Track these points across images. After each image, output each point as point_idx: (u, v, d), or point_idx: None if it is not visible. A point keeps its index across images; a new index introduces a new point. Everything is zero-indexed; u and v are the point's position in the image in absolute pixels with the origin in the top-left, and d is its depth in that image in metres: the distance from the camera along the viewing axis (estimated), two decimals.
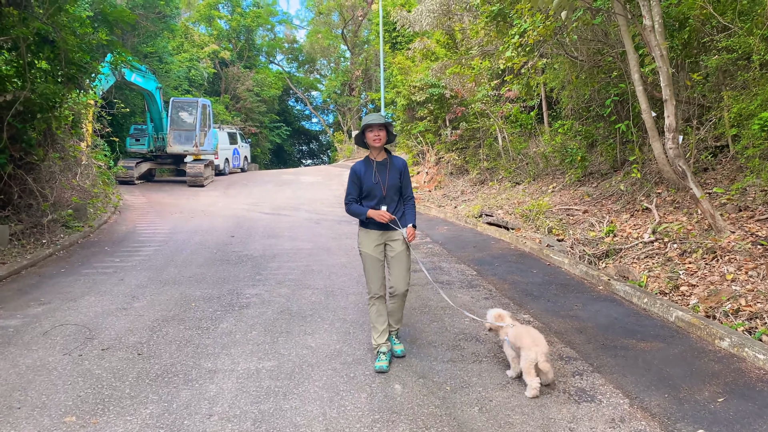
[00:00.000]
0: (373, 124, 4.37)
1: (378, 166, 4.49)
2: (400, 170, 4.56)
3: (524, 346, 4.02)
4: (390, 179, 4.47)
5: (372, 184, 4.44)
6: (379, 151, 4.52)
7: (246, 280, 7.21)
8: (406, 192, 4.61)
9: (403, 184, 4.57)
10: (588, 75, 12.61)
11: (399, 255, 4.51)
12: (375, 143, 4.41)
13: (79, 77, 9.34)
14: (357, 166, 4.57)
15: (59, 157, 10.58)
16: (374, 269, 4.52)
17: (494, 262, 8.20)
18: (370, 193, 4.47)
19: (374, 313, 4.55)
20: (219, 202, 16.21)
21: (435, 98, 19.05)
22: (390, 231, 4.52)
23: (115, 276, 7.44)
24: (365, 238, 4.56)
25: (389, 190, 4.46)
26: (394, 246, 4.52)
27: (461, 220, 12.50)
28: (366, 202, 4.51)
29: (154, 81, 20.20)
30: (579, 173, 13.44)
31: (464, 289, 6.71)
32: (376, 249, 4.52)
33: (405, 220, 4.57)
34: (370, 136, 4.41)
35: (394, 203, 4.51)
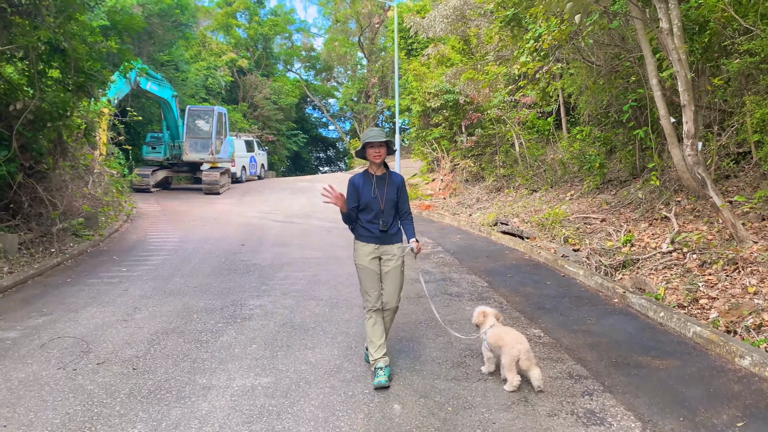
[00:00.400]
0: (374, 141, 4.42)
1: (377, 180, 4.55)
2: (398, 186, 4.64)
3: (506, 344, 4.16)
4: (388, 194, 4.54)
5: (370, 198, 4.50)
6: (379, 167, 4.57)
7: (251, 291, 7.08)
8: (404, 207, 4.68)
9: (400, 200, 4.63)
10: (606, 80, 12.35)
11: (393, 270, 4.55)
12: (376, 159, 4.47)
13: (89, 86, 9.32)
14: (355, 179, 4.62)
15: (70, 165, 10.59)
16: (370, 282, 4.52)
17: (507, 272, 7.97)
18: (367, 206, 4.51)
19: (371, 327, 4.49)
20: (233, 209, 16.17)
21: (450, 104, 18.86)
22: (385, 245, 4.56)
23: (120, 286, 7.36)
24: (361, 250, 4.57)
25: (387, 204, 4.52)
26: (388, 261, 4.56)
27: (475, 229, 12.28)
28: (363, 216, 4.56)
29: (169, 89, 20.29)
30: (597, 180, 13.15)
31: (473, 301, 6.49)
32: (371, 262, 4.53)
33: (403, 235, 4.67)
34: (371, 152, 4.46)
35: (390, 218, 4.56)
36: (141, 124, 23.47)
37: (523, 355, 4.08)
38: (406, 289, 5.80)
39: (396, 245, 4.60)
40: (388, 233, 4.54)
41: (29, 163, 9.24)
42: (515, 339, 4.17)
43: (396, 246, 4.59)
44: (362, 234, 4.57)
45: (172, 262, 8.87)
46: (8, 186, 8.88)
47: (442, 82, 18.53)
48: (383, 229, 4.50)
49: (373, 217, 4.51)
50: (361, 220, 4.57)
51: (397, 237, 4.63)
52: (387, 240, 4.55)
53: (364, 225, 4.55)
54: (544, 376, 4.23)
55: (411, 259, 8.07)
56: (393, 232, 4.58)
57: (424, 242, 10.76)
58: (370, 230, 4.52)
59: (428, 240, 10.98)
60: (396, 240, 4.61)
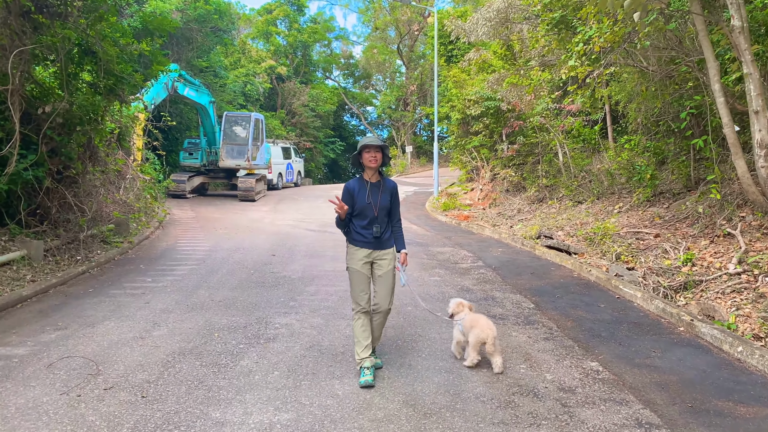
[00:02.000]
0: (371, 145, 4.52)
1: (371, 187, 4.64)
2: (391, 192, 4.75)
3: (477, 326, 4.67)
4: (382, 201, 4.63)
5: (365, 204, 4.59)
6: (374, 173, 4.67)
7: (278, 307, 6.61)
8: (395, 215, 4.79)
9: (393, 207, 4.75)
10: (659, 86, 11.57)
11: (386, 274, 4.66)
12: (371, 164, 4.55)
13: (119, 89, 9.06)
14: (351, 185, 4.70)
15: (101, 170, 10.36)
16: (360, 285, 4.63)
17: (555, 292, 7.31)
18: (361, 212, 4.61)
19: (359, 328, 4.60)
20: (266, 217, 15.85)
21: (491, 112, 18.21)
22: (378, 250, 4.66)
23: (142, 298, 6.98)
24: (353, 254, 4.68)
25: (380, 211, 4.62)
26: (382, 264, 4.67)
27: (517, 242, 11.61)
28: (357, 221, 4.65)
29: (207, 95, 20.20)
30: (648, 193, 12.35)
31: (520, 326, 5.87)
32: (363, 266, 4.64)
33: (395, 244, 4.79)
34: (367, 156, 4.55)
35: (384, 224, 4.67)
36: (179, 129, 23.54)
37: (490, 340, 4.59)
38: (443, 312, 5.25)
39: (388, 250, 4.70)
40: (381, 239, 4.64)
41: (58, 168, 9.01)
42: (486, 325, 4.67)
43: (388, 252, 4.70)
44: (356, 239, 4.68)
45: (199, 272, 8.49)
46: (36, 191, 8.66)
47: (483, 88, 17.90)
48: (376, 236, 4.60)
49: (367, 223, 4.60)
50: (355, 225, 4.68)
51: (390, 242, 4.74)
52: (380, 245, 4.66)
53: (358, 230, 4.65)
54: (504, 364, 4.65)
55: (450, 276, 7.44)
56: (386, 238, 4.68)
57: (463, 255, 10.16)
58: (364, 236, 4.62)
59: (467, 253, 10.37)
60: (389, 245, 4.72)
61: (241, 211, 17.31)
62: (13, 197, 8.51)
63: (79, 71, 9.21)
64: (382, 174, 4.75)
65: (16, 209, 8.60)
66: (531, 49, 14.07)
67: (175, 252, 10.20)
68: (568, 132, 16.58)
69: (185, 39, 20.42)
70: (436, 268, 8.98)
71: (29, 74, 8.52)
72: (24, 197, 8.45)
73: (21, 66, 8.03)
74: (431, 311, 6.00)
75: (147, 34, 9.35)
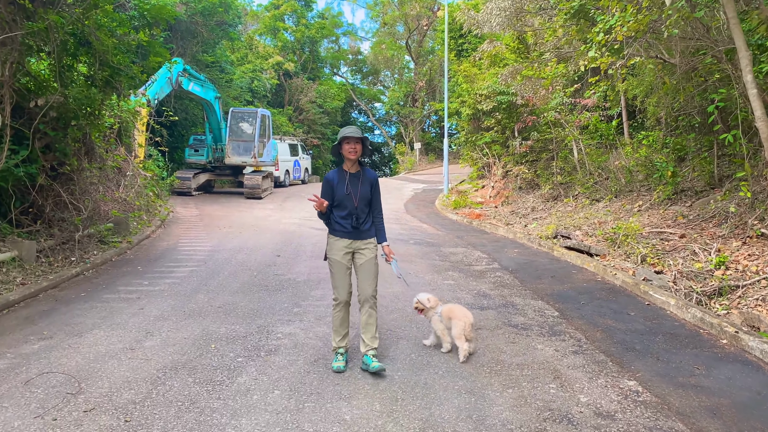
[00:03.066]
0: (351, 136, 4.53)
1: (351, 177, 4.66)
2: (371, 183, 4.75)
3: (455, 317, 4.83)
4: (361, 191, 4.65)
5: (344, 194, 4.61)
6: (353, 164, 4.68)
7: (281, 314, 6.13)
8: (376, 206, 4.80)
9: (373, 198, 4.76)
10: (683, 79, 11.02)
11: (367, 263, 4.68)
12: (350, 155, 4.57)
13: (116, 81, 8.61)
14: (330, 176, 4.72)
15: (98, 167, 9.93)
16: (341, 276, 4.67)
17: (579, 298, 6.79)
18: (341, 203, 4.63)
19: (338, 320, 4.70)
20: (272, 215, 15.40)
21: (503, 106, 17.66)
22: (358, 240, 4.68)
23: (137, 304, 6.53)
24: (333, 245, 4.71)
25: (360, 201, 4.64)
26: (363, 253, 4.69)
27: (534, 242, 11.08)
28: (337, 212, 4.67)
29: (213, 90, 19.75)
30: (669, 191, 11.79)
31: (545, 337, 5.36)
32: (344, 257, 4.67)
33: (376, 235, 4.80)
34: (347, 147, 4.56)
35: (364, 215, 4.68)
36: (184, 126, 23.12)
37: (468, 327, 4.77)
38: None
39: (369, 240, 4.72)
40: (360, 229, 4.66)
41: (52, 164, 8.58)
42: (463, 313, 4.87)
43: (369, 242, 4.72)
44: (336, 229, 4.70)
45: (199, 275, 8.03)
46: (29, 188, 8.23)
47: (496, 82, 17.33)
48: (355, 226, 4.62)
49: (346, 214, 4.62)
50: (335, 215, 4.69)
51: (370, 232, 4.76)
52: (360, 236, 4.67)
53: (338, 221, 4.67)
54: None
55: (465, 279, 6.91)
56: (366, 228, 4.70)
57: (477, 257, 9.66)
58: (344, 226, 4.64)
59: (482, 254, 9.86)
60: (369, 235, 4.74)
61: (247, 209, 16.87)
62: (5, 195, 8.08)
63: (74, 63, 8.76)
64: (362, 165, 4.76)
65: (8, 207, 8.17)
66: (547, 40, 13.49)
67: (175, 252, 9.75)
68: (584, 128, 16.02)
69: (189, 33, 19.95)
70: (449, 270, 8.48)
71: (21, 65, 8.08)
72: (16, 195, 8.02)
73: (12, 56, 7.59)
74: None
75: (145, 24, 8.86)
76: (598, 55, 10.26)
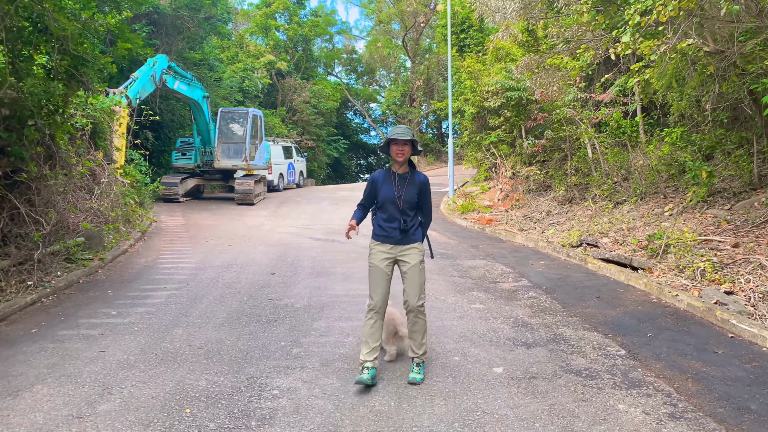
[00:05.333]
0: (398, 138, 4.33)
1: (398, 179, 4.45)
2: (420, 187, 4.50)
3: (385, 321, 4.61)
4: (407, 193, 4.42)
5: (390, 196, 4.40)
6: (402, 165, 4.47)
7: (277, 357, 4.87)
8: (426, 209, 4.57)
9: (421, 201, 4.52)
10: (725, 67, 9.89)
11: (411, 269, 4.41)
12: (398, 157, 4.38)
13: (81, 73, 7.34)
14: (377, 175, 4.53)
15: (64, 173, 8.64)
16: (379, 282, 4.40)
17: (641, 328, 5.56)
18: (384, 204, 4.43)
19: (368, 328, 4.38)
20: (266, 223, 14.12)
21: (512, 103, 16.45)
22: (402, 245, 4.43)
23: (98, 343, 5.25)
24: (374, 250, 4.49)
25: (405, 204, 4.41)
26: (407, 260, 4.44)
27: (560, 253, 9.87)
28: (380, 213, 4.49)
29: (200, 90, 18.45)
30: (703, 192, 10.61)
31: (622, 390, 4.12)
32: (384, 263, 4.42)
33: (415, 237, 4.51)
34: (394, 149, 4.38)
35: (409, 218, 4.43)
36: (171, 128, 21.81)
37: (392, 330, 4.69)
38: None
39: (412, 245, 4.46)
40: (405, 233, 4.42)
41: (5, 171, 7.30)
42: (390, 312, 4.65)
43: (414, 246, 4.46)
44: (377, 233, 4.49)
45: (179, 301, 6.76)
46: None
47: (505, 77, 16.12)
48: (403, 229, 4.39)
49: (388, 217, 4.42)
50: (378, 218, 4.50)
51: (416, 236, 4.51)
52: (404, 240, 4.44)
53: (381, 224, 4.46)
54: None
55: (495, 302, 5.72)
56: (411, 233, 4.46)
57: (501, 271, 8.44)
58: (385, 229, 4.44)
59: (505, 268, 8.64)
60: (414, 240, 4.48)
61: (238, 216, 15.58)
62: None
63: (33, 53, 7.49)
64: (413, 166, 4.51)
65: None
66: (566, 29, 12.28)
67: (154, 271, 8.46)
68: (605, 125, 14.84)
69: (175, 28, 18.63)
70: (473, 290, 7.24)
71: None
72: None
73: None
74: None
75: (114, 6, 7.57)
76: (630, 41, 9.09)
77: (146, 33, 17.28)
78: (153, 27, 17.88)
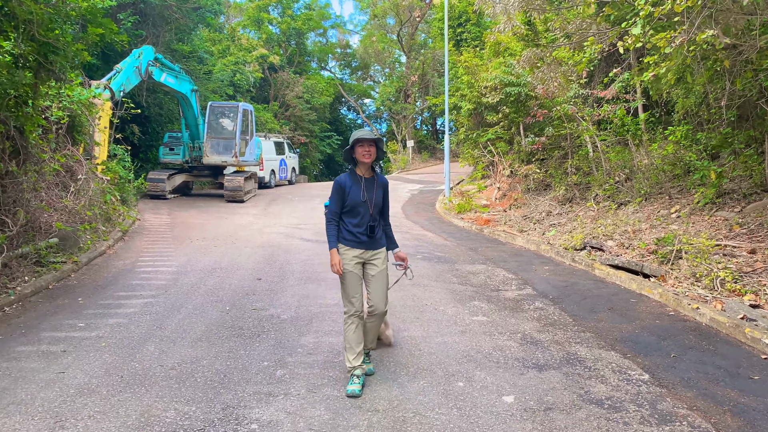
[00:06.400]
0: (365, 138, 4.23)
1: (366, 183, 4.37)
2: (384, 189, 4.48)
3: None
4: (376, 198, 4.39)
5: (359, 201, 4.31)
6: (368, 168, 4.38)
7: (258, 381, 4.32)
8: (386, 212, 4.56)
9: (385, 204, 4.52)
10: (740, 62, 9.42)
11: (379, 274, 4.41)
12: (365, 159, 4.27)
13: (49, 62, 6.74)
14: (342, 180, 4.36)
15: (34, 170, 8.03)
16: (353, 287, 4.34)
17: (663, 346, 5.04)
18: (353, 209, 4.32)
19: (351, 333, 4.31)
20: (255, 222, 13.55)
21: (511, 99, 15.91)
22: (371, 250, 4.40)
23: (59, 362, 4.68)
24: (344, 255, 4.35)
25: (375, 209, 4.38)
26: (375, 264, 4.42)
27: (564, 257, 9.36)
28: (348, 219, 4.36)
29: (188, 83, 17.80)
30: (711, 194, 10.15)
31: (651, 425, 3.58)
32: (356, 266, 4.35)
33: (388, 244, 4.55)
34: (360, 150, 4.26)
35: (376, 223, 4.41)
36: (159, 122, 21.16)
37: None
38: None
39: (380, 250, 4.45)
40: (374, 238, 4.39)
41: None
42: None
43: (381, 251, 4.46)
44: (347, 238, 4.38)
45: (155, 311, 6.19)
46: None
47: (505, 72, 15.57)
48: (370, 234, 4.34)
49: (359, 221, 4.33)
50: (345, 223, 4.39)
51: (381, 241, 4.49)
52: (373, 245, 4.41)
53: (350, 229, 4.37)
54: None
55: (499, 314, 5.17)
56: (379, 236, 4.45)
57: (503, 278, 7.92)
58: (356, 235, 4.35)
59: (507, 274, 8.11)
60: (380, 245, 4.47)
61: (227, 214, 14.99)
62: None
63: None
64: (374, 169, 4.48)
65: None
66: (569, 22, 11.75)
67: (131, 275, 7.88)
68: (608, 122, 14.35)
69: (162, 19, 17.93)
70: (473, 299, 6.71)
71: None
72: None
73: None
74: None
75: None
76: (641, 33, 8.59)
77: (131, 23, 16.61)
78: (139, 17, 17.20)
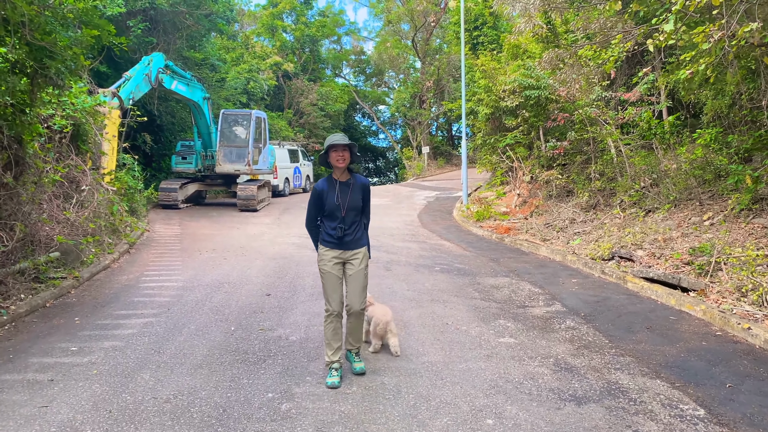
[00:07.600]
0: (337, 144, 4.39)
1: (341, 186, 4.52)
2: (363, 191, 4.61)
3: (375, 315, 5.00)
4: (351, 200, 4.51)
5: (333, 204, 4.47)
6: (343, 172, 4.54)
7: (260, 419, 3.84)
8: (367, 212, 4.70)
9: (365, 205, 4.64)
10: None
11: (357, 273, 4.57)
12: (338, 164, 4.46)
13: (45, 67, 6.37)
14: (319, 186, 4.56)
15: (33, 181, 7.68)
16: (333, 286, 4.52)
17: (714, 373, 4.49)
18: (331, 213, 4.51)
19: (330, 332, 4.52)
20: (267, 232, 13.13)
21: (531, 103, 15.37)
22: (349, 250, 4.56)
23: (43, 394, 4.25)
24: (323, 255, 4.56)
25: (348, 211, 4.51)
26: (353, 263, 4.57)
27: (592, 268, 8.80)
28: (327, 222, 4.55)
29: (200, 90, 17.51)
30: (746, 199, 9.55)
31: None
32: (334, 267, 4.54)
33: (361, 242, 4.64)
34: (334, 156, 4.44)
35: (354, 224, 4.56)
36: (171, 131, 20.91)
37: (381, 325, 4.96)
38: None
39: (358, 250, 4.58)
40: (351, 239, 4.53)
41: None
42: (381, 311, 5.02)
43: (359, 251, 4.58)
44: (326, 239, 4.56)
45: (155, 332, 5.75)
46: None
47: (524, 74, 15.05)
48: (341, 236, 4.47)
49: (336, 224, 4.49)
50: (325, 225, 4.57)
51: (361, 242, 4.61)
52: (350, 246, 4.54)
53: (328, 231, 4.53)
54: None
55: (527, 335, 4.61)
56: (357, 237, 4.58)
57: (528, 292, 7.39)
58: (333, 236, 4.50)
59: (533, 288, 7.57)
60: (359, 245, 4.60)
61: (239, 224, 14.60)
62: None
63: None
64: (352, 172, 4.61)
65: None
66: (592, 21, 11.21)
67: (134, 291, 7.46)
68: (623, 126, 13.78)
69: (173, 25, 17.67)
70: (499, 317, 6.19)
71: None
72: None
73: None
74: None
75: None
76: (672, 30, 8.03)
77: (141, 30, 16.35)
78: (149, 24, 16.95)
